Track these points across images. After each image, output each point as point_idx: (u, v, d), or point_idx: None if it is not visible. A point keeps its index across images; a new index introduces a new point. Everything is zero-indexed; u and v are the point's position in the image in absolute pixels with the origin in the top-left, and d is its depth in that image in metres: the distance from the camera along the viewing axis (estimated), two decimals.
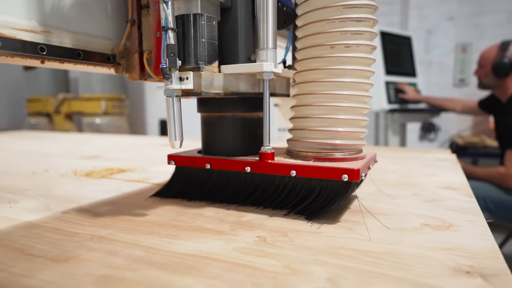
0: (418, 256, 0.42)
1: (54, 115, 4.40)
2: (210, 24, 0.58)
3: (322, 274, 0.38)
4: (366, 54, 0.58)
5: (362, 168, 0.54)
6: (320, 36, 0.58)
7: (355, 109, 0.59)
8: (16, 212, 0.64)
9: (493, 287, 0.35)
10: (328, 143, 0.58)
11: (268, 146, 0.59)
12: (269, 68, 0.56)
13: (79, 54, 0.64)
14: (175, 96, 0.55)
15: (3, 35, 0.54)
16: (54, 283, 0.36)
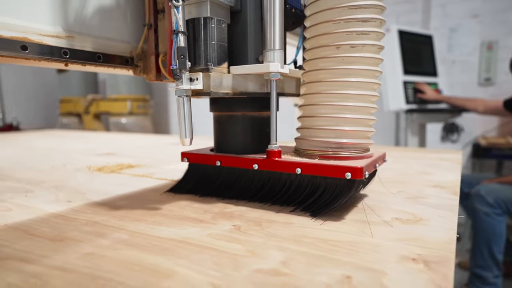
0: (374, 245, 0.45)
1: (84, 115, 4.58)
2: (219, 27, 0.60)
3: (278, 257, 0.42)
4: (373, 54, 0.58)
5: (366, 166, 0.54)
6: (326, 37, 0.58)
7: (362, 108, 0.59)
8: (29, 200, 0.71)
9: (431, 271, 0.37)
10: (333, 141, 0.58)
11: (275, 144, 0.60)
12: (276, 69, 0.57)
13: (99, 57, 0.67)
14: (185, 96, 0.57)
15: (31, 40, 0.58)
16: (46, 257, 0.43)
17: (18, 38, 0.56)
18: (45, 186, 0.84)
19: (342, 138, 0.59)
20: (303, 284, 0.35)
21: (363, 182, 0.60)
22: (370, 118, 0.61)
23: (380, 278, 0.36)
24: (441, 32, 3.43)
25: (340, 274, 0.37)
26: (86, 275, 0.38)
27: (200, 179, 0.72)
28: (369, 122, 0.61)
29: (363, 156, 0.60)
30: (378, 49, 0.59)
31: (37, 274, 0.38)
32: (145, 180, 0.89)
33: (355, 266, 0.39)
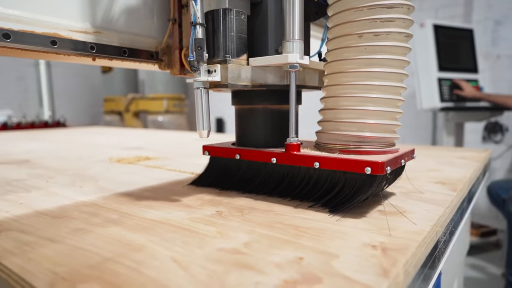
0: (342, 233, 0.45)
1: (124, 113, 4.77)
2: (238, 18, 0.58)
3: (244, 239, 0.44)
4: (399, 43, 0.54)
5: (389, 161, 0.50)
6: (348, 25, 0.54)
7: (386, 100, 0.55)
8: (48, 184, 0.79)
9: (383, 257, 0.37)
10: (354, 135, 0.55)
11: (294, 137, 0.58)
12: (294, 60, 0.54)
13: (124, 51, 0.68)
14: (203, 88, 0.56)
15: (61, 36, 0.60)
16: (42, 230, 0.49)
17: (49, 34, 0.58)
18: (66, 173, 0.92)
19: (364, 131, 0.55)
20: (254, 263, 0.37)
21: (386, 179, 0.56)
22: (396, 111, 0.57)
23: (330, 260, 0.37)
24: (484, 25, 3.18)
25: (294, 255, 0.38)
26: (69, 246, 0.43)
27: (221, 173, 0.71)
28: (394, 115, 0.57)
29: (386, 151, 0.55)
30: (406, 37, 0.54)
31: (30, 243, 0.44)
32: (154, 171, 0.95)
33: (313, 250, 0.40)
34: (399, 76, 0.56)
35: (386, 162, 0.49)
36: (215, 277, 0.34)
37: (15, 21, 0.54)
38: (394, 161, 0.52)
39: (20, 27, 0.55)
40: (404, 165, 0.62)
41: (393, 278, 0.33)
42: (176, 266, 0.36)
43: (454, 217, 0.60)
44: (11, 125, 2.68)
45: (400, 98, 0.57)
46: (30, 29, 0.56)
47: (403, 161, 0.56)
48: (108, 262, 0.38)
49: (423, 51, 2.34)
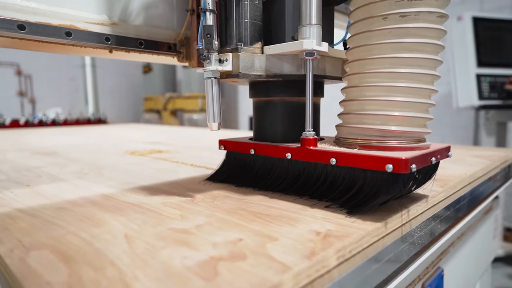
0: (296, 220, 0.46)
1: (162, 111, 4.92)
2: (252, 4, 0.54)
3: (199, 222, 0.46)
4: (430, 24, 0.47)
5: (415, 158, 0.43)
6: (371, 7, 0.48)
7: (415, 89, 0.48)
8: (60, 171, 0.86)
9: (320, 241, 0.38)
10: (377, 128, 0.48)
11: (310, 131, 0.53)
12: (310, 46, 0.49)
13: (141, 43, 0.67)
14: (214, 78, 0.53)
15: (77, 27, 0.59)
16: (31, 207, 0.54)
17: (65, 25, 0.58)
18: (81, 163, 0.99)
19: (388, 124, 0.48)
20: (194, 241, 0.39)
21: (413, 179, 0.49)
22: (427, 102, 0.50)
23: (266, 243, 0.38)
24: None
25: (236, 237, 0.40)
26: (44, 221, 0.48)
27: (237, 168, 0.67)
28: (425, 107, 0.50)
29: (414, 147, 0.49)
30: (439, 17, 0.47)
31: (15, 217, 0.50)
32: (159, 162, 0.99)
33: (257, 233, 0.41)
34: (431, 63, 0.49)
35: (411, 159, 0.42)
36: (151, 251, 0.37)
37: (32, 13, 0.54)
38: (421, 158, 0.45)
39: (36, 19, 0.54)
40: (437, 164, 0.55)
41: (317, 261, 0.34)
42: (123, 241, 0.40)
43: (438, 213, 0.57)
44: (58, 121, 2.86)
45: (432, 88, 0.50)
46: (46, 21, 0.55)
47: (433, 159, 0.49)
48: (68, 235, 0.42)
49: (461, 46, 2.15)
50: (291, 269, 0.32)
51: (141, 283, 0.30)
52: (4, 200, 0.59)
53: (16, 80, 5.20)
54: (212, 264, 0.33)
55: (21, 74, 5.21)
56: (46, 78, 5.41)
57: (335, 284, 0.36)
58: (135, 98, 6.19)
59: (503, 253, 2.33)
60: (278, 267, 0.32)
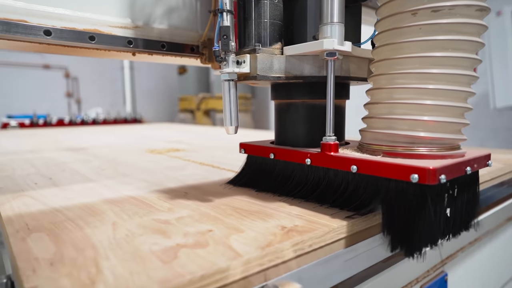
0: (269, 216, 0.49)
1: (196, 111, 5.01)
2: (272, 3, 0.52)
3: (182, 214, 0.50)
4: (467, 19, 0.42)
5: (445, 168, 0.39)
6: (399, 2, 0.44)
7: (448, 92, 0.43)
8: (81, 167, 0.93)
9: (284, 235, 0.41)
10: (404, 134, 0.44)
11: (330, 136, 0.49)
12: (331, 46, 0.46)
13: (163, 45, 0.67)
14: (231, 80, 0.51)
15: (101, 31, 0.60)
16: (44, 197, 0.61)
17: (89, 29, 0.59)
18: (102, 159, 1.05)
19: (416, 130, 0.44)
20: (170, 231, 0.43)
21: (446, 191, 0.44)
22: (462, 106, 0.44)
23: (232, 234, 0.42)
24: None
25: (207, 228, 0.44)
26: (53, 209, 0.53)
27: (257, 172, 0.65)
28: (459, 111, 0.45)
29: (445, 155, 0.44)
30: (478, 11, 0.42)
31: (30, 205, 0.56)
32: (172, 160, 1.04)
33: (228, 226, 0.45)
34: (467, 62, 0.44)
35: (440, 169, 0.38)
36: (129, 237, 0.41)
37: (58, 18, 0.56)
38: (453, 168, 0.41)
39: (62, 24, 0.56)
40: (474, 174, 0.49)
41: (271, 252, 0.37)
42: (110, 228, 0.45)
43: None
44: (98, 121, 3.01)
45: (468, 90, 0.45)
46: (71, 26, 0.57)
47: (469, 168, 0.43)
48: (67, 221, 0.47)
49: (499, 43, 1.97)
50: (242, 257, 0.35)
51: (109, 262, 0.35)
52: (27, 190, 0.66)
53: (64, 82, 5.54)
54: (175, 250, 0.37)
55: (69, 77, 5.56)
56: (90, 80, 5.73)
57: (294, 275, 0.38)
58: (171, 98, 6.38)
59: None
60: (231, 255, 0.36)
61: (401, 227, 0.42)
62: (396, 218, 0.42)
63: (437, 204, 0.42)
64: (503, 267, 1.00)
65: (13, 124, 2.85)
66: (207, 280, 0.32)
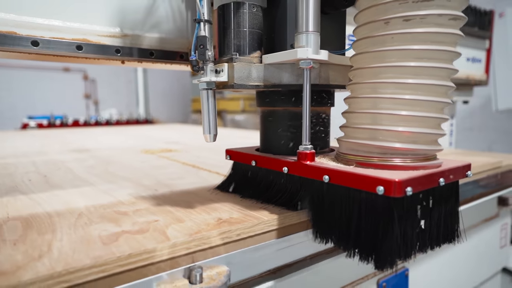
0: (215, 210, 0.54)
1: None
2: (251, 12, 0.52)
3: (141, 207, 0.56)
4: (440, 28, 0.40)
5: (413, 180, 0.37)
6: (373, 10, 0.43)
7: (422, 102, 0.42)
8: (76, 166, 0.97)
9: (215, 225, 0.46)
10: (375, 145, 0.43)
11: (306, 145, 0.49)
12: (304, 55, 0.45)
13: (151, 53, 0.67)
14: (209, 89, 0.51)
15: (90, 41, 0.61)
16: (32, 191, 0.67)
17: (78, 39, 0.60)
18: (99, 159, 1.10)
19: (389, 141, 0.43)
20: (122, 220, 0.49)
21: (419, 203, 0.42)
22: (437, 117, 0.43)
23: (173, 224, 0.47)
24: None
25: (155, 218, 0.50)
26: (35, 202, 0.58)
27: (242, 178, 0.65)
28: (435, 121, 0.43)
29: (419, 166, 0.42)
30: (452, 20, 0.40)
31: (17, 198, 0.61)
32: (160, 160, 1.08)
33: (174, 217, 0.50)
34: (443, 72, 0.42)
35: (407, 181, 0.37)
36: (87, 224, 0.47)
37: (47, 29, 0.57)
38: (423, 179, 0.39)
39: (51, 34, 0.57)
40: (452, 185, 0.47)
41: (198, 238, 0.42)
42: (75, 217, 0.51)
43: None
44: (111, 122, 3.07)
45: (445, 100, 0.43)
46: (60, 36, 0.58)
47: (442, 180, 0.42)
48: (42, 213, 0.53)
49: (501, 44, 1.90)
50: (169, 241, 0.40)
51: (61, 243, 0.41)
52: (20, 186, 0.73)
53: (83, 84, 5.68)
54: (118, 235, 0.43)
55: (87, 79, 5.69)
56: (107, 82, 5.85)
57: (222, 259, 0.44)
58: (184, 99, 6.44)
59: None
60: (161, 239, 0.41)
61: (371, 239, 0.41)
62: (365, 230, 0.41)
63: (407, 216, 0.40)
64: (480, 266, 0.98)
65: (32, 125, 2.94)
66: (134, 258, 0.37)
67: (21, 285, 0.32)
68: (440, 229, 0.46)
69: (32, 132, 2.50)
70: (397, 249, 0.40)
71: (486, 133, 3.09)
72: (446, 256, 0.81)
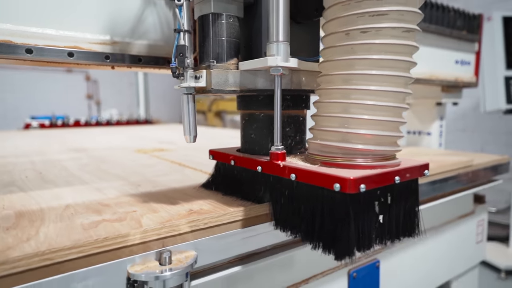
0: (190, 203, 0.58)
1: (207, 112, 5.08)
2: (227, 22, 0.55)
3: (123, 200, 0.61)
4: (395, 40, 0.43)
5: (366, 178, 0.41)
6: (335, 22, 0.46)
7: (381, 107, 0.45)
8: (71, 164, 1.02)
9: (186, 215, 0.51)
10: (336, 146, 0.46)
11: (277, 146, 0.52)
12: (274, 63, 0.48)
13: (139, 59, 0.70)
14: (189, 94, 0.54)
15: (81, 48, 0.64)
16: (29, 186, 0.73)
17: (70, 47, 0.63)
18: (93, 157, 1.15)
19: (350, 142, 0.46)
20: (104, 211, 0.54)
21: (376, 199, 0.46)
22: (396, 120, 0.46)
23: (148, 214, 0.52)
24: None
25: (133, 209, 0.55)
26: (29, 196, 0.64)
27: (224, 177, 0.68)
28: (394, 125, 0.47)
29: (377, 165, 0.45)
30: (405, 32, 0.44)
31: (12, 191, 0.67)
32: (151, 159, 1.12)
33: (150, 208, 0.56)
34: (400, 79, 0.45)
35: (360, 179, 0.40)
36: (73, 214, 0.53)
37: (41, 38, 0.60)
38: (377, 178, 0.42)
39: (45, 42, 0.60)
40: (411, 183, 0.50)
41: (168, 225, 0.47)
42: (63, 207, 0.56)
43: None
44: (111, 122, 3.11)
45: (402, 106, 0.46)
46: (53, 44, 0.61)
47: (397, 178, 0.45)
48: (34, 204, 0.58)
49: (489, 47, 1.93)
50: (142, 227, 0.46)
51: (47, 229, 0.46)
52: (17, 182, 0.78)
53: (85, 85, 5.73)
54: (98, 223, 0.48)
55: (89, 80, 5.74)
56: (110, 83, 5.90)
57: (190, 245, 0.48)
58: None
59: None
60: (135, 226, 0.46)
61: (331, 232, 0.44)
62: (327, 224, 0.44)
63: (363, 211, 0.43)
64: (455, 260, 1.01)
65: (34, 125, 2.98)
66: (110, 242, 0.42)
67: (10, 261, 0.37)
68: (400, 223, 0.49)
69: (34, 132, 2.54)
70: (354, 241, 0.43)
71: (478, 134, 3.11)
72: (420, 249, 0.85)
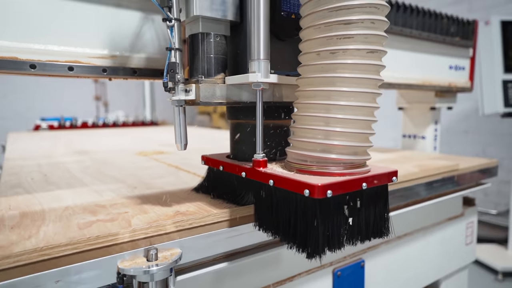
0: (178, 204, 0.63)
1: (212, 114, 5.13)
2: (215, 41, 0.59)
3: (118, 201, 0.65)
4: (360, 60, 0.47)
5: (333, 184, 0.45)
6: (308, 43, 0.51)
7: (351, 120, 0.49)
8: (74, 166, 1.06)
9: (172, 216, 0.55)
10: (309, 155, 0.50)
11: (259, 154, 0.56)
12: (255, 79, 0.53)
13: (135, 71, 0.75)
14: (180, 106, 0.59)
15: (81, 62, 0.69)
16: (34, 188, 0.78)
17: (71, 61, 0.68)
18: (95, 160, 1.19)
19: (323, 152, 0.50)
20: (100, 212, 0.58)
21: (345, 203, 0.50)
22: (366, 132, 0.50)
23: (138, 215, 0.57)
24: None
25: (126, 210, 0.59)
26: (33, 196, 0.69)
27: (214, 181, 0.73)
28: (364, 136, 0.50)
29: (347, 173, 0.49)
30: (369, 53, 0.48)
31: (19, 193, 0.71)
32: (150, 161, 1.16)
33: (141, 209, 0.59)
34: (368, 95, 0.49)
35: (327, 185, 0.44)
36: (71, 214, 0.57)
37: (44, 53, 0.65)
38: (345, 184, 0.46)
39: (47, 58, 0.65)
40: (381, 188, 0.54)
41: (155, 225, 0.51)
42: (63, 208, 0.60)
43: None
44: (118, 123, 3.17)
45: (372, 119, 0.50)
46: (55, 59, 0.66)
47: (365, 184, 0.49)
48: (36, 205, 0.64)
49: (488, 51, 1.94)
50: (131, 227, 0.50)
51: (47, 227, 0.51)
52: (23, 183, 0.83)
53: (93, 86, 5.82)
54: (92, 223, 0.52)
55: (97, 81, 5.82)
56: (117, 84, 5.97)
57: (175, 243, 0.52)
58: None
59: None
60: (125, 226, 0.51)
61: (303, 233, 0.48)
62: (299, 225, 0.49)
63: (332, 214, 0.47)
64: (443, 261, 1.04)
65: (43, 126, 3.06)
66: (101, 239, 0.47)
67: (12, 256, 0.42)
68: (370, 225, 0.53)
69: (43, 133, 2.61)
70: (325, 241, 0.47)
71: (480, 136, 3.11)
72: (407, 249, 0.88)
